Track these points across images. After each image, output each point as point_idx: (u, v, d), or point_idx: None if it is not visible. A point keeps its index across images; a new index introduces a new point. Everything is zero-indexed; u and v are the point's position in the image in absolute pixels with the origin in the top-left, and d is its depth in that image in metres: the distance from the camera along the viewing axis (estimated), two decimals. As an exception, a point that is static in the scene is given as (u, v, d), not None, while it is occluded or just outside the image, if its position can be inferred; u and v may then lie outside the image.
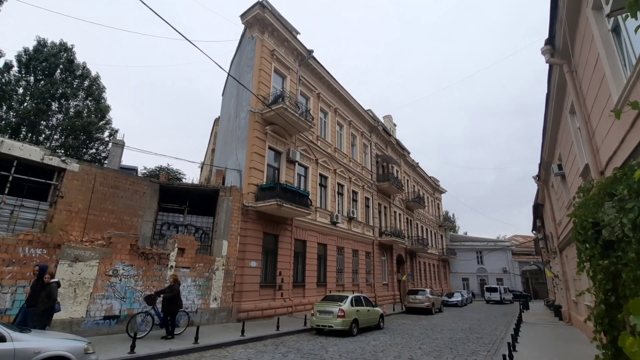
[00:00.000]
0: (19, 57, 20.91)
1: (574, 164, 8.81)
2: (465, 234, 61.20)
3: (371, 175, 25.87)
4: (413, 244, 31.47)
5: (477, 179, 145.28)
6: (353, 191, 22.87)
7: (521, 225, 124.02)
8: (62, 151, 20.71)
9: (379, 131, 27.71)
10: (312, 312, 11.81)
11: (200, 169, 30.33)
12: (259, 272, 13.68)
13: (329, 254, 18.87)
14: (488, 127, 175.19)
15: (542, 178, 16.11)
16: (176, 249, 10.84)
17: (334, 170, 20.69)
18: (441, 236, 44.46)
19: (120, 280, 9.37)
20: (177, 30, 7.78)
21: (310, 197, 17.73)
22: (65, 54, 21.70)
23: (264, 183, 14.32)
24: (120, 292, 9.27)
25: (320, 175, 19.47)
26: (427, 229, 38.67)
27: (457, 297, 28.69)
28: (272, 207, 13.52)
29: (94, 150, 24.13)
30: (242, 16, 16.21)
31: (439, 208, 46.11)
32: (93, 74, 23.60)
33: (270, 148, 15.63)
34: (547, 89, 9.19)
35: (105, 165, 15.33)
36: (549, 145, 11.94)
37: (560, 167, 11.06)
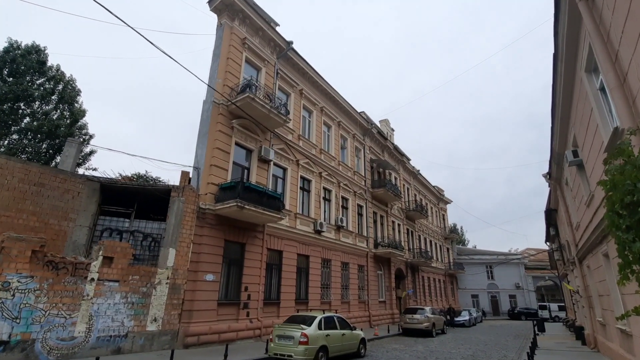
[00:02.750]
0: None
1: (595, 139, 6.68)
2: (475, 247, 57.79)
3: (365, 181, 23.76)
4: (415, 257, 28.87)
5: (487, 193, 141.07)
6: (343, 197, 20.75)
7: (533, 239, 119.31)
8: (25, 156, 19.24)
9: (374, 134, 25.73)
10: (270, 336, 9.58)
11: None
12: (217, 287, 11.55)
13: (311, 267, 16.64)
14: (498, 140, 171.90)
15: (553, 176, 13.86)
16: (100, 258, 8.86)
17: (319, 174, 18.69)
18: (447, 249, 41.52)
19: (14, 295, 7.40)
20: (121, 19, 6.16)
21: (288, 201, 15.81)
22: (35, 56, 20.62)
23: (226, 182, 12.39)
24: (12, 310, 7.28)
25: (302, 178, 17.48)
26: (431, 241, 35.94)
27: (464, 316, 25.95)
28: (232, 209, 11.52)
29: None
30: (210, 2, 14.73)
31: (444, 219, 43.34)
32: (68, 75, 22.44)
33: (238, 144, 13.79)
34: (554, 47, 7.18)
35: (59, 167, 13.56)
36: (560, 128, 9.80)
37: (575, 153, 8.89)
